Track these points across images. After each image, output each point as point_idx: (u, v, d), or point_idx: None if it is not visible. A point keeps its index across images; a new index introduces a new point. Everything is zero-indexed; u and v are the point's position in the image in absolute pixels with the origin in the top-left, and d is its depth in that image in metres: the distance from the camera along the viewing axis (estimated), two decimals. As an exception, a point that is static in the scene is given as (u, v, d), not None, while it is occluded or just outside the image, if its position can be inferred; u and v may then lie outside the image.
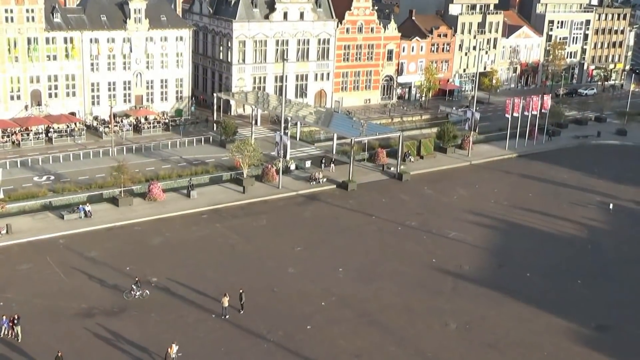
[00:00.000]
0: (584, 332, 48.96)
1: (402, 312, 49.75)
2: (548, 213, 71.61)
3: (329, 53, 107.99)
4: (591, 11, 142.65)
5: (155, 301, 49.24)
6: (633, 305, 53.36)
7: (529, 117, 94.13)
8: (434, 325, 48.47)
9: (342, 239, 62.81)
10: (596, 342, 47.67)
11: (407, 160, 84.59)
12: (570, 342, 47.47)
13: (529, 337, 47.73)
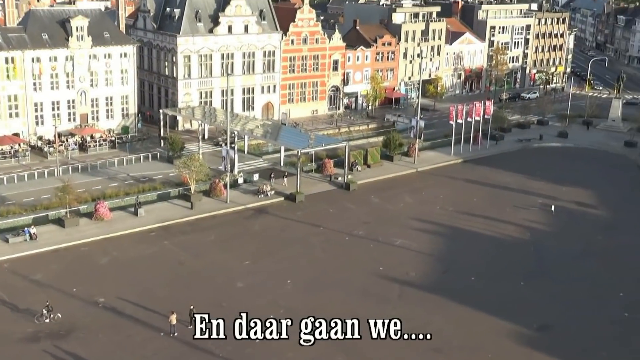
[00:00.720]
0: (527, 333, 50.29)
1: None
2: (492, 217, 73.18)
3: (275, 65, 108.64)
4: (531, 16, 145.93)
5: (103, 322, 49.17)
6: (574, 305, 54.96)
7: (472, 123, 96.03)
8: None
9: (291, 250, 63.40)
10: (538, 342, 49.04)
11: (355, 169, 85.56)
12: (513, 344, 48.77)
13: (473, 340, 48.89)
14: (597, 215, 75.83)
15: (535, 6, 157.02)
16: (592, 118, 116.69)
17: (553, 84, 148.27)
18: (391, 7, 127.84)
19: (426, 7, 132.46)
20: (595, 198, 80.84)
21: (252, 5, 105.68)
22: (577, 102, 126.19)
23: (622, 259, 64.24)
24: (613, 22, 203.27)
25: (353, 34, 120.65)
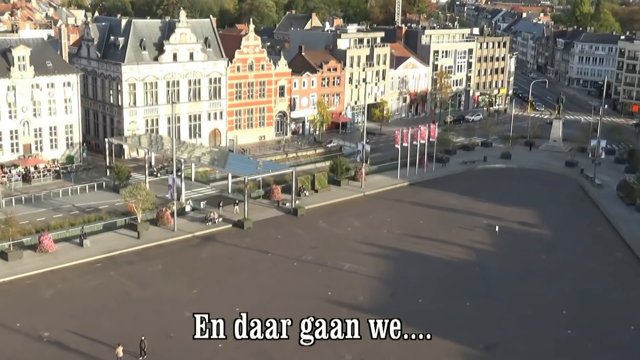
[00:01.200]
0: (474, 353, 51.07)
1: (297, 347, 50.46)
2: (438, 239, 74.23)
3: (221, 92, 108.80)
4: (473, 40, 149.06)
5: (47, 356, 48.38)
6: (519, 324, 55.99)
7: (417, 146, 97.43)
8: (330, 358, 49.45)
9: (239, 278, 63.34)
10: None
11: (302, 194, 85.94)
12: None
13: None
14: (540, 234, 77.47)
15: (477, 30, 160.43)
16: (535, 139, 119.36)
17: (496, 106, 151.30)
18: (336, 33, 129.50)
19: (370, 32, 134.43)
20: (538, 218, 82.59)
21: (197, 32, 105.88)
22: (520, 124, 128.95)
23: (565, 278, 65.71)
24: (553, 45, 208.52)
25: (299, 59, 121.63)
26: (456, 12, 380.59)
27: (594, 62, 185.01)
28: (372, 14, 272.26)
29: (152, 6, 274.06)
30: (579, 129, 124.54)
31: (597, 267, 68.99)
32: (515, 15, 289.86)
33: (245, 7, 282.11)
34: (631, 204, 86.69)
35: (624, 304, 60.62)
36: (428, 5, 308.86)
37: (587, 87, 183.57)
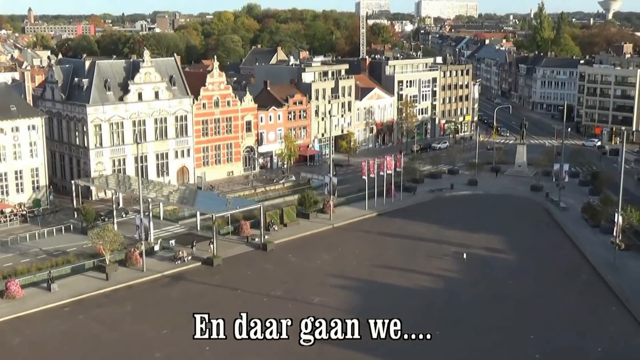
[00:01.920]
0: (443, 383, 51.36)
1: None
2: (407, 268, 74.79)
3: (188, 129, 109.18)
4: (436, 69, 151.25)
5: (15, 405, 47.90)
6: (488, 350, 56.50)
7: (384, 176, 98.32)
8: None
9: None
10: (454, 391, 50.11)
11: (271, 229, 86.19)
12: (430, 394, 49.66)
13: (391, 394, 49.55)
14: (507, 259, 78.34)
15: (440, 59, 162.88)
16: (500, 164, 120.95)
17: (462, 133, 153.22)
18: (300, 67, 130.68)
19: (335, 65, 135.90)
20: (505, 243, 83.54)
21: (161, 71, 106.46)
22: (485, 150, 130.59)
23: (532, 302, 66.45)
24: (515, 71, 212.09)
25: (264, 94, 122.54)
26: (421, 41, 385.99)
27: (556, 86, 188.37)
28: (338, 45, 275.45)
29: (118, 45, 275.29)
30: (544, 152, 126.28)
31: (564, 290, 69.83)
32: (478, 42, 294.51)
33: (211, 42, 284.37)
34: (595, 226, 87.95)
35: (590, 326, 61.42)
36: (392, 35, 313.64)
37: (550, 111, 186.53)
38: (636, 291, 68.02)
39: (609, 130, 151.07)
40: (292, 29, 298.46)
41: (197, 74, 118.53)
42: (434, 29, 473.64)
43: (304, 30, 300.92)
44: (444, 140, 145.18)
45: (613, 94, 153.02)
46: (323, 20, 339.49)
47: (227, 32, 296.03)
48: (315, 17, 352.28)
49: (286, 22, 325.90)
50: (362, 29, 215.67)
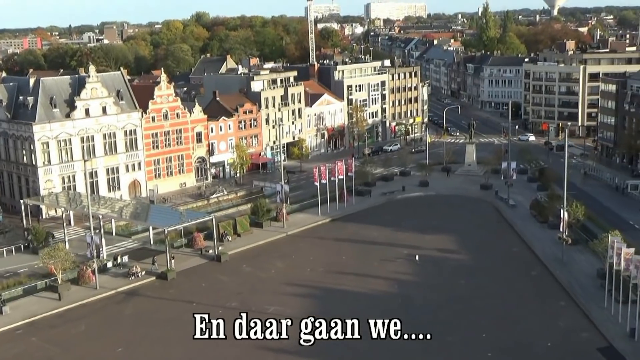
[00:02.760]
0: (398, 386, 52.03)
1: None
2: (361, 273, 75.50)
3: (137, 143, 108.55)
4: (385, 72, 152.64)
5: None
6: (441, 350, 57.41)
7: (336, 181, 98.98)
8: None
9: (164, 331, 62.98)
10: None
11: (225, 240, 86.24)
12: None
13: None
14: (459, 259, 79.54)
15: (388, 62, 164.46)
16: (451, 164, 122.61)
17: (413, 134, 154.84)
18: (249, 76, 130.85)
19: (283, 72, 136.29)
20: (457, 243, 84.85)
21: (108, 86, 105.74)
22: (436, 150, 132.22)
23: (483, 301, 67.64)
24: (463, 71, 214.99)
25: (214, 104, 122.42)
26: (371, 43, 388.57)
27: (503, 84, 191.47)
28: (288, 51, 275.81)
29: (66, 58, 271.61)
30: (493, 151, 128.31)
31: (514, 287, 71.22)
32: (427, 42, 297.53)
33: (160, 52, 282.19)
34: (544, 222, 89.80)
35: (540, 322, 62.70)
36: (342, 39, 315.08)
37: (499, 109, 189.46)
38: (583, 285, 69.72)
39: (556, 126, 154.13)
40: (241, 36, 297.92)
41: (145, 87, 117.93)
42: (384, 30, 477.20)
43: (254, 37, 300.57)
44: (395, 143, 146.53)
45: (558, 91, 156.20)
46: (272, 26, 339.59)
47: (177, 41, 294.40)
48: (265, 23, 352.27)
49: (235, 30, 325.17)
50: (311, 34, 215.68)
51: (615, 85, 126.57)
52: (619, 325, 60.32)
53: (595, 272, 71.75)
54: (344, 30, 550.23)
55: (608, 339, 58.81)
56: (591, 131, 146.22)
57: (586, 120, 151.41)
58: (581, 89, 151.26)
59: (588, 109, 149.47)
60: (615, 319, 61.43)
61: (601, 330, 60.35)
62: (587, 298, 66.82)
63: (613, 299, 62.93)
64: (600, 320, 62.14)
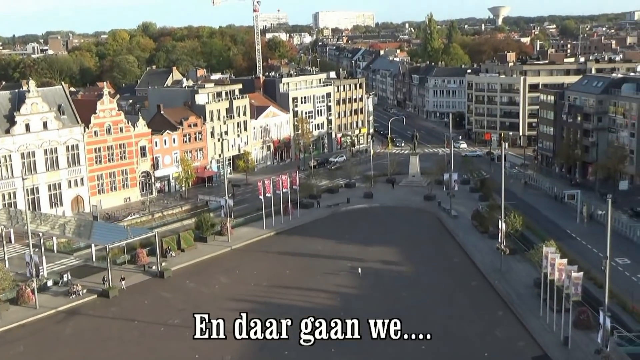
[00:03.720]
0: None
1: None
2: (304, 287, 76.02)
3: (80, 158, 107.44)
4: (330, 84, 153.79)
5: None
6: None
7: (281, 194, 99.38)
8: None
9: (104, 351, 62.54)
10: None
11: (169, 255, 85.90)
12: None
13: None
14: (401, 271, 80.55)
15: (334, 74, 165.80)
16: (396, 175, 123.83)
17: (359, 145, 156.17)
18: (194, 89, 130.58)
19: (228, 85, 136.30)
20: (399, 255, 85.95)
21: (49, 101, 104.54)
22: (382, 161, 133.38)
23: (424, 313, 68.61)
24: (409, 81, 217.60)
25: (158, 118, 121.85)
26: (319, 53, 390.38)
27: (447, 94, 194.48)
28: (235, 62, 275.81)
29: (8, 70, 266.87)
30: (437, 161, 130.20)
31: (454, 298, 72.52)
32: (373, 53, 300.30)
33: (106, 64, 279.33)
34: (484, 232, 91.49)
35: (478, 332, 64.01)
36: (289, 50, 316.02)
37: (444, 119, 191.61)
38: (521, 295, 71.34)
39: (498, 136, 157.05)
40: (188, 47, 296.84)
41: (88, 101, 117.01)
42: (332, 40, 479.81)
43: (201, 48, 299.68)
44: (341, 154, 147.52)
45: (500, 101, 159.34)
46: (220, 36, 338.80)
47: (122, 52, 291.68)
48: (212, 33, 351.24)
49: (183, 40, 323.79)
50: (257, 46, 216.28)
51: (553, 97, 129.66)
52: (553, 334, 61.93)
53: (533, 282, 73.55)
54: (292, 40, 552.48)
55: (543, 347, 60.34)
56: (532, 141, 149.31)
57: (527, 130, 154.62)
58: (522, 99, 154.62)
59: (529, 118, 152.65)
60: (551, 327, 63.06)
61: (537, 339, 61.89)
62: (524, 307, 68.44)
63: (548, 307, 64.55)
64: (535, 329, 63.72)
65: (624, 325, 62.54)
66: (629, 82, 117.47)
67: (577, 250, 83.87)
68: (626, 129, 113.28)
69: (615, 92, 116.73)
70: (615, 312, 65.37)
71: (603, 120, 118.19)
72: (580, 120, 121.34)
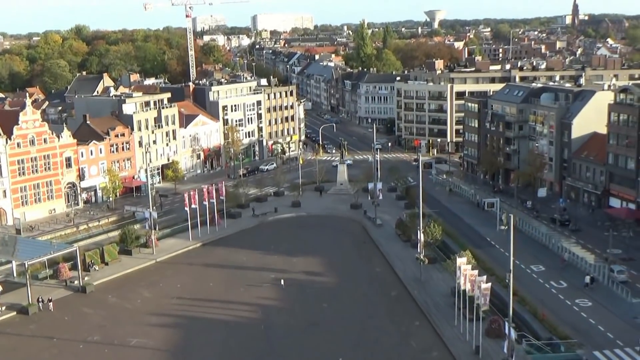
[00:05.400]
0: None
1: None
2: (226, 300, 76.55)
3: (2, 170, 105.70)
4: (260, 92, 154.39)
5: None
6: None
7: (207, 205, 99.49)
8: None
9: (20, 371, 62.18)
10: None
11: (92, 269, 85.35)
12: None
13: None
14: (323, 282, 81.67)
15: (264, 81, 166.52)
16: (324, 183, 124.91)
17: (290, 152, 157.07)
18: (121, 99, 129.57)
19: (156, 94, 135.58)
20: (323, 265, 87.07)
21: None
22: (311, 169, 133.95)
23: (343, 325, 69.78)
24: (342, 87, 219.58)
25: (84, 128, 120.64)
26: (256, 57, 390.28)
27: (378, 101, 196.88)
28: (170, 66, 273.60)
29: None
30: (366, 168, 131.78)
31: (373, 309, 73.85)
32: (308, 57, 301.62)
33: (36, 68, 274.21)
34: (407, 240, 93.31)
35: (394, 343, 65.51)
36: (224, 55, 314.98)
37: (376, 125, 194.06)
38: (438, 304, 73.20)
39: (427, 143, 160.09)
40: (122, 51, 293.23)
41: (10, 112, 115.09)
42: (269, 43, 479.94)
43: (135, 52, 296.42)
44: (271, 162, 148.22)
45: (428, 108, 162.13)
46: (154, 40, 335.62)
47: (54, 56, 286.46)
48: (147, 37, 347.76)
49: (117, 44, 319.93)
50: (190, 52, 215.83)
51: (477, 105, 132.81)
52: (466, 343, 63.84)
53: (450, 291, 75.41)
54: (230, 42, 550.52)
55: (456, 357, 62.11)
56: (460, 147, 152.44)
57: (455, 136, 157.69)
58: (449, 107, 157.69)
59: (456, 125, 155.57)
60: (464, 336, 65.01)
61: (450, 349, 63.65)
62: (439, 317, 70.32)
63: (462, 316, 66.43)
64: (450, 339, 65.54)
65: (534, 333, 64.69)
66: (548, 91, 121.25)
67: (495, 257, 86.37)
68: (545, 137, 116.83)
69: (535, 101, 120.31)
70: (526, 319, 67.82)
71: (524, 128, 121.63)
72: (502, 128, 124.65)
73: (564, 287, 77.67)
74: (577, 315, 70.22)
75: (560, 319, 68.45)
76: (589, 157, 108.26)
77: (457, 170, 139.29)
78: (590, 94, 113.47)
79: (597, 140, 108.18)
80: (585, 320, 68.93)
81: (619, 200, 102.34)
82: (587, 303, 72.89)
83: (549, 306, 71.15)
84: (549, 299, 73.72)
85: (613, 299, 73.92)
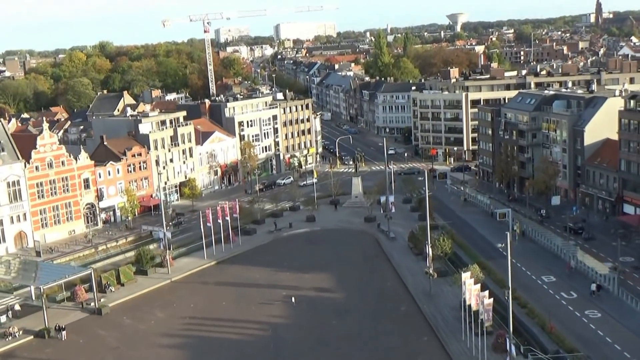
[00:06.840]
0: None
1: None
2: (238, 318, 77.64)
3: (22, 193, 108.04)
4: (276, 107, 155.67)
5: None
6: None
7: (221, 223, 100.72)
8: None
9: (35, 395, 63.77)
10: None
11: (108, 291, 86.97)
12: None
13: None
14: (334, 298, 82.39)
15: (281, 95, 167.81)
16: (340, 196, 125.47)
17: (308, 165, 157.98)
18: (137, 119, 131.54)
19: (172, 113, 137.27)
20: (334, 281, 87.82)
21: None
22: (328, 182, 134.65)
23: (352, 341, 70.55)
24: (360, 97, 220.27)
25: (101, 149, 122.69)
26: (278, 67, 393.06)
27: (396, 110, 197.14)
28: (191, 80, 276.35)
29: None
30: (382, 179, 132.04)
31: (382, 324, 74.33)
32: (327, 67, 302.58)
33: (60, 87, 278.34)
34: (419, 254, 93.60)
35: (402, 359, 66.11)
36: (244, 67, 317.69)
37: (393, 134, 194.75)
38: (446, 319, 73.69)
39: (444, 152, 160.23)
40: (144, 67, 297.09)
41: (28, 137, 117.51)
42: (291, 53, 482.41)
43: (157, 68, 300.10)
44: (288, 176, 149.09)
45: (444, 117, 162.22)
46: (176, 54, 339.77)
47: (78, 74, 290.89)
48: (169, 52, 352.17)
49: (139, 59, 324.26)
50: (210, 66, 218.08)
51: (490, 113, 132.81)
52: (472, 358, 64.24)
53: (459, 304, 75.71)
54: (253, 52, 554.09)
55: (461, 373, 62.67)
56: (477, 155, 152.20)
57: (472, 145, 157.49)
58: (464, 115, 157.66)
59: (472, 134, 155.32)
60: (471, 351, 65.43)
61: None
62: (447, 331, 70.81)
63: (469, 331, 66.75)
64: (456, 354, 66.06)
65: (541, 346, 64.86)
66: (560, 98, 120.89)
67: (507, 269, 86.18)
68: (558, 144, 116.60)
69: (547, 108, 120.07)
70: (534, 332, 68.09)
71: (537, 136, 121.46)
72: (516, 136, 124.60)
73: (573, 298, 77.68)
74: (585, 327, 70.30)
75: (569, 330, 68.53)
76: (602, 164, 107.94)
77: (472, 179, 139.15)
78: (602, 100, 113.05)
79: (609, 146, 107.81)
80: (593, 332, 68.98)
81: (633, 207, 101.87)
82: (596, 314, 72.92)
83: (558, 318, 71.08)
84: (559, 310, 73.68)
85: (622, 309, 73.81)
